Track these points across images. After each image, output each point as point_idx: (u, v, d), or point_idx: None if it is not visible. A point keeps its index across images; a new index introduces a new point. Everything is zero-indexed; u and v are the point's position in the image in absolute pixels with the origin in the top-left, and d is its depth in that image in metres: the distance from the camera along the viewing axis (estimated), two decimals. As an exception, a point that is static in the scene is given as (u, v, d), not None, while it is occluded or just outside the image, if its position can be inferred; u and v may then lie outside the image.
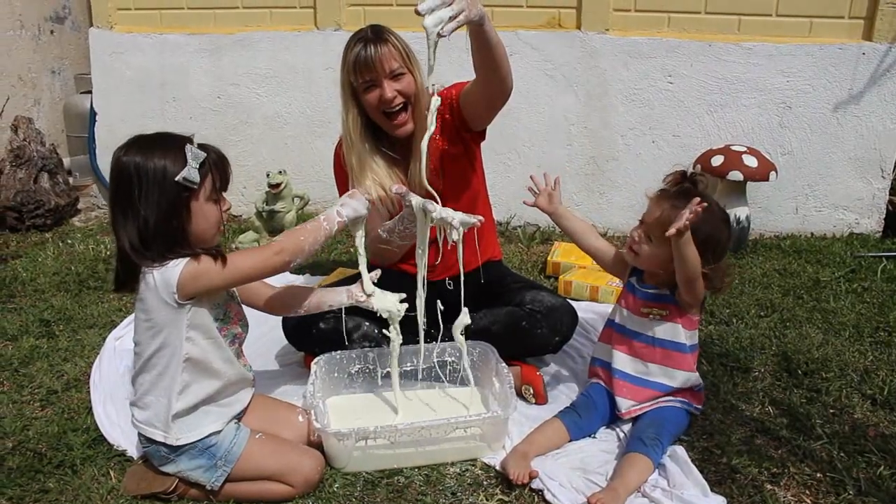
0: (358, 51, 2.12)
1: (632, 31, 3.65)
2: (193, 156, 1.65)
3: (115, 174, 1.67)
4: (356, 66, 2.12)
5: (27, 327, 2.70)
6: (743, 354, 2.50)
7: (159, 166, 1.63)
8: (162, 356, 1.71)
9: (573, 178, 3.84)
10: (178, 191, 1.64)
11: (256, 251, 1.80)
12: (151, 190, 1.62)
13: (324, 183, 3.98)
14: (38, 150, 3.95)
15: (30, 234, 3.79)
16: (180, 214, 1.66)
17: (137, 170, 1.63)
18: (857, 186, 3.69)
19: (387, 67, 2.10)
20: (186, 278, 1.65)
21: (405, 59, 2.15)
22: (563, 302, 2.34)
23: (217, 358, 1.77)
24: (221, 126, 4.03)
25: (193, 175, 1.64)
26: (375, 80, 2.12)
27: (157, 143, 1.67)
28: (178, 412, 1.72)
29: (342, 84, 2.20)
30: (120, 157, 1.66)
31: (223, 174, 1.76)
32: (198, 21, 4.00)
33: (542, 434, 2.00)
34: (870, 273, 3.21)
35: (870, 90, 3.55)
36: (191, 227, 1.68)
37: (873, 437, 2.04)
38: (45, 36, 4.56)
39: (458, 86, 2.23)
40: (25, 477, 1.88)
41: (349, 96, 2.19)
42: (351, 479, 1.87)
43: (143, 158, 1.64)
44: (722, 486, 1.84)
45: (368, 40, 2.12)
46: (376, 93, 2.13)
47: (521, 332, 2.25)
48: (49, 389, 2.30)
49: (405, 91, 2.14)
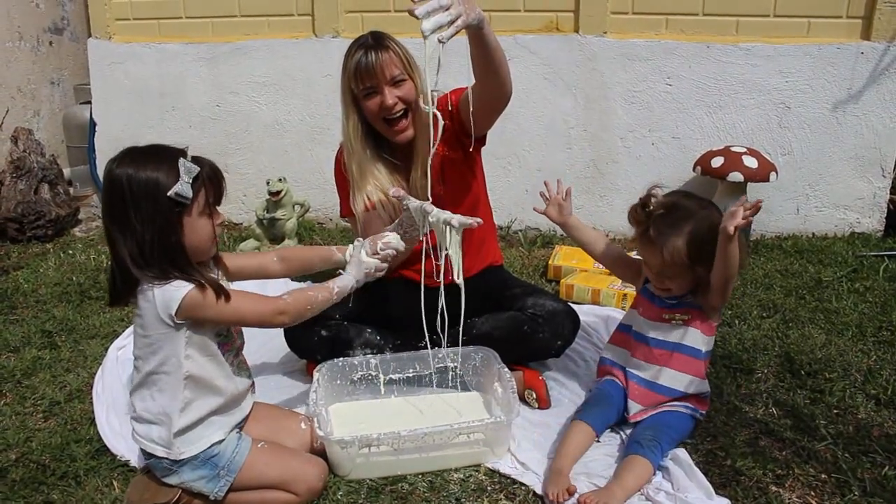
0: (359, 57, 2.12)
1: (630, 34, 3.66)
2: (186, 170, 1.62)
3: (107, 186, 1.64)
4: (357, 73, 2.12)
5: (29, 338, 2.70)
6: (746, 355, 2.50)
7: (151, 180, 1.60)
8: (161, 373, 1.70)
9: (573, 181, 3.83)
10: (171, 206, 1.62)
11: (261, 302, 1.78)
12: (144, 204, 1.60)
13: (324, 190, 3.99)
14: (38, 160, 3.96)
15: (31, 245, 3.80)
16: (176, 230, 1.64)
17: (129, 182, 1.60)
18: (858, 186, 3.69)
19: (388, 74, 2.11)
20: (188, 305, 1.64)
21: (406, 65, 2.15)
22: (565, 306, 2.34)
23: (219, 375, 1.77)
24: (221, 134, 4.04)
25: (186, 190, 1.62)
26: (376, 87, 2.12)
27: (150, 156, 1.65)
28: (180, 429, 1.71)
29: (342, 91, 2.20)
30: (112, 169, 1.63)
31: (217, 188, 1.73)
32: (196, 30, 4.01)
33: (571, 442, 1.95)
34: (872, 272, 3.21)
35: (869, 89, 3.55)
36: (184, 242, 1.67)
37: (878, 437, 2.03)
38: (44, 47, 4.57)
39: (457, 91, 2.23)
40: (29, 489, 1.88)
41: (349, 102, 2.20)
42: (355, 487, 1.87)
43: (136, 170, 1.61)
44: (726, 488, 1.83)
45: (369, 47, 2.12)
46: (377, 99, 2.13)
47: (522, 336, 2.25)
48: (52, 400, 2.30)
49: (406, 97, 2.14)
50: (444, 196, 2.18)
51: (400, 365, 2.24)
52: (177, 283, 1.64)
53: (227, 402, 1.80)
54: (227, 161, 3.98)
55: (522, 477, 1.90)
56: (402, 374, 2.23)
